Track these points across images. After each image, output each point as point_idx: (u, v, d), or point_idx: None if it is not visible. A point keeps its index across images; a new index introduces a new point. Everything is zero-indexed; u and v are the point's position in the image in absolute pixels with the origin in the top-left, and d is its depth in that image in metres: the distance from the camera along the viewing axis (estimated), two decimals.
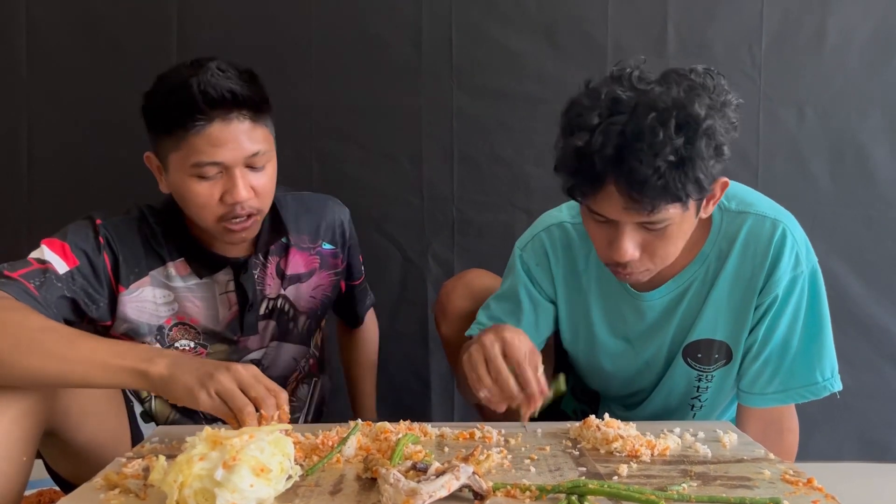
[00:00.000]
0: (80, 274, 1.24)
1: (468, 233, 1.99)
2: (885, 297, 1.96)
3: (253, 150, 1.24)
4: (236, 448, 0.82)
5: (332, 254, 1.51)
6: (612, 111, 1.06)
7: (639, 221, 1.10)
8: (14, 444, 1.05)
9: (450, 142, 1.96)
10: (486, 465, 0.96)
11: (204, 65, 1.22)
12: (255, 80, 1.27)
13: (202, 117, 1.19)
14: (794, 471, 0.95)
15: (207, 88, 1.19)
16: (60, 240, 1.25)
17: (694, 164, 1.04)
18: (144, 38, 1.95)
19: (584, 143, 1.06)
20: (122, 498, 0.87)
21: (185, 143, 1.21)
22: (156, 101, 1.24)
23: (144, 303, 1.33)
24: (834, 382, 1.27)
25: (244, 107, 1.22)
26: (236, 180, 1.23)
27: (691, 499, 0.85)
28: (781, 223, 1.23)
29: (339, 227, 1.52)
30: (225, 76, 1.21)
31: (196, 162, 1.21)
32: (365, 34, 1.95)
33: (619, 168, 1.05)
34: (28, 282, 1.16)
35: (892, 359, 1.97)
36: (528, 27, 1.95)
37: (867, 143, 1.94)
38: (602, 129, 1.05)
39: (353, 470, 0.96)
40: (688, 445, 1.07)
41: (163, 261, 1.34)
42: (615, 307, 1.34)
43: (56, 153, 1.98)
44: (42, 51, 1.96)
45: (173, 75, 1.23)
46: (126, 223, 1.33)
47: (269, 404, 1.01)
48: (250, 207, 1.26)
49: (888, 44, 1.92)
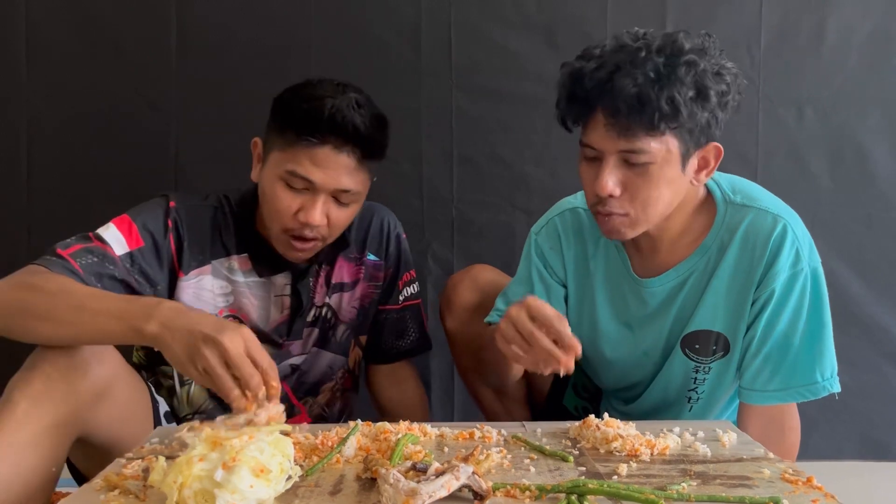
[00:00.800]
0: (141, 255, 1.27)
1: (468, 233, 1.99)
2: (885, 297, 1.96)
3: (346, 186, 1.28)
4: (236, 449, 0.82)
5: (375, 265, 1.50)
6: (615, 50, 1.15)
7: (622, 149, 1.15)
8: (44, 455, 1.05)
9: (449, 142, 1.96)
10: (486, 464, 0.96)
11: (347, 92, 1.27)
12: (382, 128, 1.32)
13: (318, 136, 1.24)
14: (793, 470, 0.95)
15: (336, 114, 1.23)
16: (130, 218, 1.29)
17: (670, 84, 1.10)
18: (144, 38, 1.95)
19: (578, 67, 1.15)
20: (122, 499, 0.87)
21: (292, 148, 1.26)
22: (290, 100, 1.29)
23: (202, 291, 1.36)
24: (833, 383, 1.28)
25: (358, 145, 1.26)
26: (317, 203, 1.27)
27: (691, 498, 0.85)
28: (783, 219, 1.25)
29: (386, 240, 1.51)
30: (358, 112, 1.25)
31: (291, 170, 1.26)
32: (364, 35, 1.95)
33: (604, 89, 1.12)
34: (76, 260, 1.19)
35: (892, 358, 1.97)
36: (528, 28, 1.95)
37: (867, 142, 1.94)
38: (601, 58, 1.14)
39: (353, 470, 0.96)
40: (687, 445, 1.07)
41: (228, 252, 1.37)
42: (618, 292, 1.35)
43: (56, 153, 1.98)
44: (42, 51, 1.96)
45: (319, 86, 1.28)
46: (200, 209, 1.37)
47: (254, 383, 0.98)
48: (318, 233, 1.30)
49: (887, 43, 1.92)
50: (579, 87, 1.15)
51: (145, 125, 1.96)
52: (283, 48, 1.94)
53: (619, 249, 1.36)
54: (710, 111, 1.15)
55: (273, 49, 1.94)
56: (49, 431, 1.05)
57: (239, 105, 1.94)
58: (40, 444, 1.04)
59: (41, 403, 1.05)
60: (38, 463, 1.05)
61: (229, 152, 1.93)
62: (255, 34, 1.95)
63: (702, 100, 1.13)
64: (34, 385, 1.06)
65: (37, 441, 1.04)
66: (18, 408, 1.04)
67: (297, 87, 1.30)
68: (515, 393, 1.54)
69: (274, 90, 1.35)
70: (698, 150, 1.19)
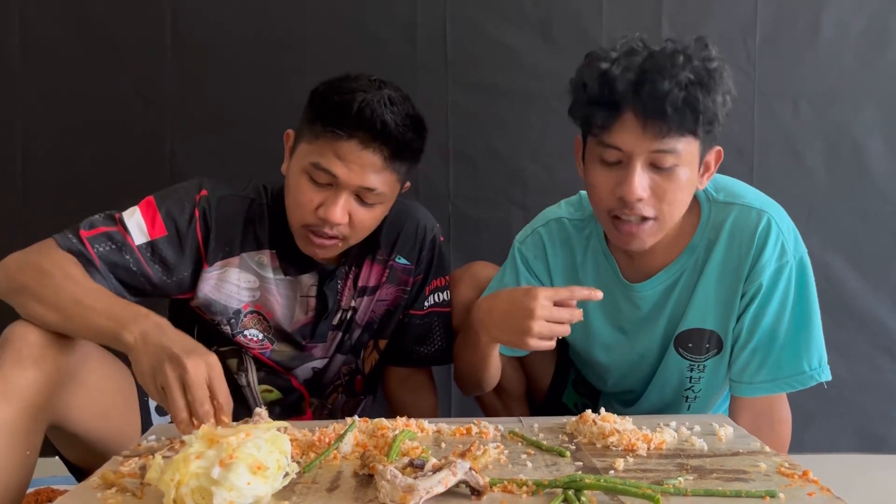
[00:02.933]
0: (162, 244, 1.27)
1: (464, 228, 1.99)
2: (881, 290, 1.96)
3: (371, 184, 1.24)
4: (233, 446, 0.82)
5: (404, 269, 1.44)
6: (630, 53, 1.15)
7: (653, 150, 1.14)
8: (18, 437, 1.06)
9: (445, 138, 1.96)
10: (483, 460, 0.96)
11: (382, 88, 1.24)
12: (416, 129, 1.27)
13: (345, 130, 1.21)
14: (789, 463, 0.96)
15: (365, 108, 1.20)
16: (157, 204, 1.28)
17: (712, 88, 1.12)
18: (138, 34, 1.94)
19: (606, 68, 1.13)
20: (119, 497, 0.87)
21: (318, 141, 1.24)
22: (323, 92, 1.26)
23: (226, 283, 1.34)
24: (822, 372, 1.28)
25: (386, 143, 1.23)
26: (339, 200, 1.24)
27: (687, 492, 0.85)
28: (767, 213, 1.25)
29: (420, 244, 1.44)
30: (390, 109, 1.22)
31: (315, 162, 1.23)
32: (360, 30, 1.94)
33: (639, 90, 1.11)
34: (92, 246, 1.21)
35: (888, 351, 1.97)
36: (524, 22, 1.94)
37: (862, 136, 1.94)
38: (621, 61, 1.14)
39: (351, 467, 0.96)
40: (684, 439, 1.08)
41: (260, 246, 1.35)
42: (610, 298, 1.34)
43: (51, 149, 1.97)
44: (36, 47, 1.95)
45: (354, 80, 1.26)
46: (234, 199, 1.35)
47: (202, 412, 0.98)
48: (338, 231, 1.27)
49: (882, 37, 1.92)
50: (608, 89, 1.13)
51: (140, 122, 1.95)
52: (277, 44, 1.94)
53: (607, 256, 1.36)
54: (726, 115, 1.17)
55: (268, 45, 1.93)
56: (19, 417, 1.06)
57: (234, 101, 1.93)
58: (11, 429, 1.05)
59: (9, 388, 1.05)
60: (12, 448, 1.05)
61: (224, 149, 1.93)
62: (249, 31, 1.94)
63: (725, 105, 1.16)
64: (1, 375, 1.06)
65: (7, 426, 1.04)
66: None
67: (333, 80, 1.28)
68: (515, 390, 1.55)
69: (268, 86, 1.35)
70: (707, 152, 1.21)
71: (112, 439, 1.21)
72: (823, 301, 1.93)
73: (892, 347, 1.97)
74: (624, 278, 1.34)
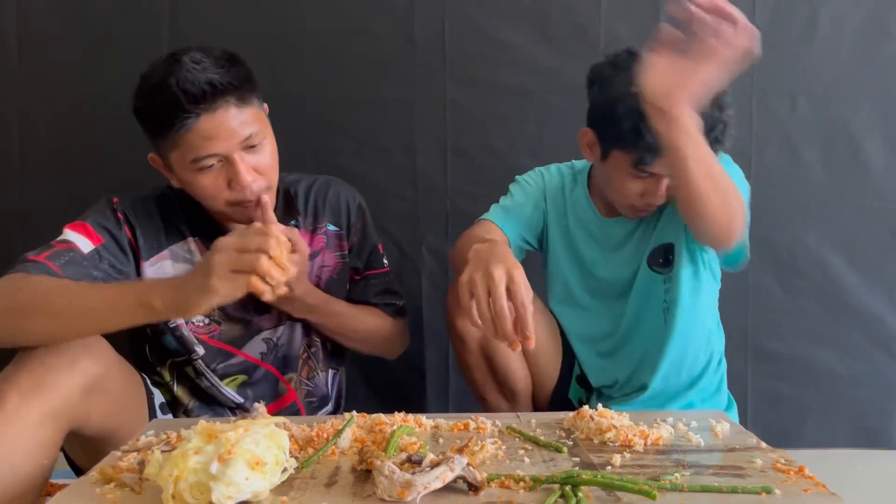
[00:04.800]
0: (105, 250, 1.29)
1: (462, 225, 1.97)
2: (877, 286, 1.97)
3: (245, 133, 1.25)
4: (231, 441, 0.82)
5: (336, 235, 1.52)
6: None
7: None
8: (36, 448, 1.05)
9: (443, 134, 1.96)
10: (481, 456, 0.96)
11: (179, 60, 1.23)
12: (233, 62, 1.27)
13: (187, 115, 1.21)
14: (785, 459, 0.96)
15: (186, 85, 1.20)
16: (81, 221, 1.30)
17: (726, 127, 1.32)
18: (136, 29, 1.94)
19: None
20: (118, 492, 0.87)
21: (178, 141, 1.24)
22: (142, 105, 1.27)
23: (164, 275, 1.36)
24: None
25: (227, 94, 1.23)
26: (237, 167, 1.25)
27: (684, 488, 0.85)
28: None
29: (346, 210, 1.52)
30: (201, 68, 1.22)
31: (193, 158, 1.24)
32: (357, 26, 1.94)
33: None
34: (52, 262, 1.20)
35: (885, 346, 1.98)
36: (521, 19, 1.94)
37: (859, 132, 1.95)
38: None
39: (349, 462, 0.96)
40: (681, 435, 1.08)
41: (183, 236, 1.39)
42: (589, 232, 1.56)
43: (48, 146, 1.97)
44: (33, 43, 1.95)
45: (153, 75, 1.25)
46: (143, 200, 1.38)
47: (273, 244, 1.03)
48: (258, 188, 1.29)
49: (880, 33, 1.92)
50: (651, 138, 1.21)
51: None
52: (275, 40, 1.94)
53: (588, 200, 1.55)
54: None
55: (266, 41, 1.93)
56: (40, 425, 1.05)
57: None
58: (32, 438, 1.04)
59: (31, 398, 1.05)
60: (30, 457, 1.04)
61: None
62: (246, 27, 1.94)
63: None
64: (23, 380, 1.06)
65: (28, 435, 1.04)
66: (9, 403, 1.04)
67: (139, 92, 1.28)
68: (523, 389, 1.55)
69: (266, 82, 1.35)
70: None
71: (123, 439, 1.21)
72: (820, 296, 1.96)
73: (889, 343, 1.98)
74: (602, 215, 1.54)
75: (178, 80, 1.20)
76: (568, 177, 1.60)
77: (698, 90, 1.11)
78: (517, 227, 1.54)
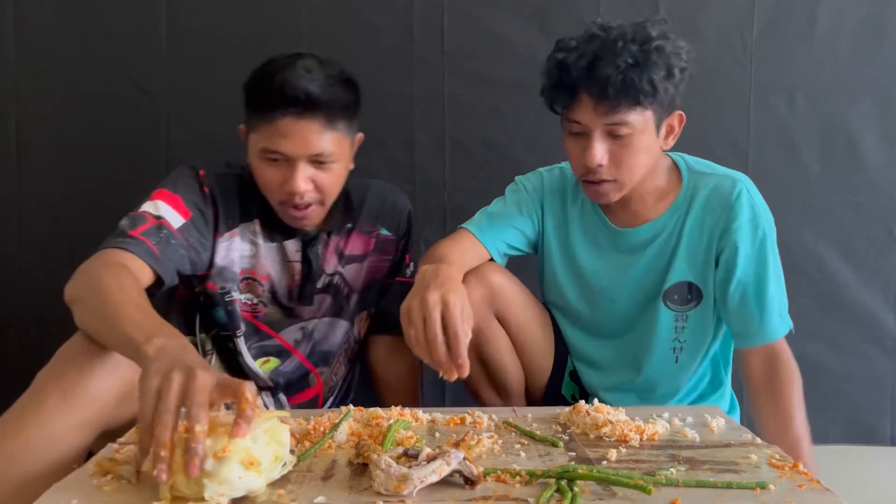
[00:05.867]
0: (192, 226, 1.34)
1: (460, 219, 1.96)
2: (873, 283, 1.97)
3: (317, 149, 1.33)
4: (227, 439, 0.81)
5: (387, 240, 1.58)
6: (588, 41, 1.33)
7: (607, 123, 1.32)
8: (67, 452, 1.03)
9: (442, 128, 1.96)
10: (477, 450, 0.97)
11: (296, 62, 1.32)
12: (343, 85, 1.35)
13: (276, 110, 1.29)
14: (780, 455, 0.97)
15: (286, 86, 1.28)
16: (171, 191, 1.34)
17: (647, 68, 1.29)
18: (134, 22, 1.93)
19: (562, 58, 1.34)
20: (115, 484, 0.87)
21: (260, 127, 1.33)
22: (250, 83, 1.36)
23: (231, 252, 1.43)
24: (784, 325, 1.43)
25: (317, 109, 1.31)
26: (296, 172, 1.33)
27: (679, 483, 0.86)
28: (740, 182, 1.43)
29: (399, 217, 1.59)
30: (309, 77, 1.30)
31: (264, 147, 1.33)
32: (356, 20, 1.94)
33: (589, 76, 1.30)
34: (149, 240, 1.25)
35: (879, 343, 1.99)
36: (521, 13, 1.94)
37: (857, 129, 1.95)
38: (578, 49, 1.33)
39: (345, 456, 0.97)
40: (676, 430, 1.09)
41: (251, 217, 1.44)
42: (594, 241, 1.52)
43: (46, 138, 1.96)
44: (31, 35, 1.94)
45: (272, 62, 1.34)
46: (227, 176, 1.44)
47: (194, 412, 0.80)
48: (309, 198, 1.36)
49: (879, 30, 1.92)
50: (565, 75, 1.33)
51: (136, 109, 1.94)
52: (273, 32, 1.93)
53: (594, 206, 1.51)
54: (675, 85, 1.35)
55: (264, 33, 1.92)
56: (75, 429, 1.04)
57: (229, 89, 1.89)
58: (65, 440, 1.03)
59: (71, 400, 1.03)
60: (61, 459, 1.02)
61: (220, 136, 1.92)
62: (245, 18, 1.93)
63: (669, 76, 1.33)
64: (66, 381, 1.04)
65: (62, 437, 1.03)
66: (48, 401, 1.03)
67: (258, 69, 1.36)
68: (515, 386, 1.55)
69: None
70: (667, 118, 1.39)
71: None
72: (815, 293, 1.96)
73: (883, 339, 1.98)
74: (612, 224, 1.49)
75: (284, 77, 1.29)
76: (571, 179, 1.55)
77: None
78: (500, 236, 1.51)
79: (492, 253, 1.49)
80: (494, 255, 1.50)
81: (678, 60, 1.34)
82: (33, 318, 1.94)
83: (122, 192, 1.39)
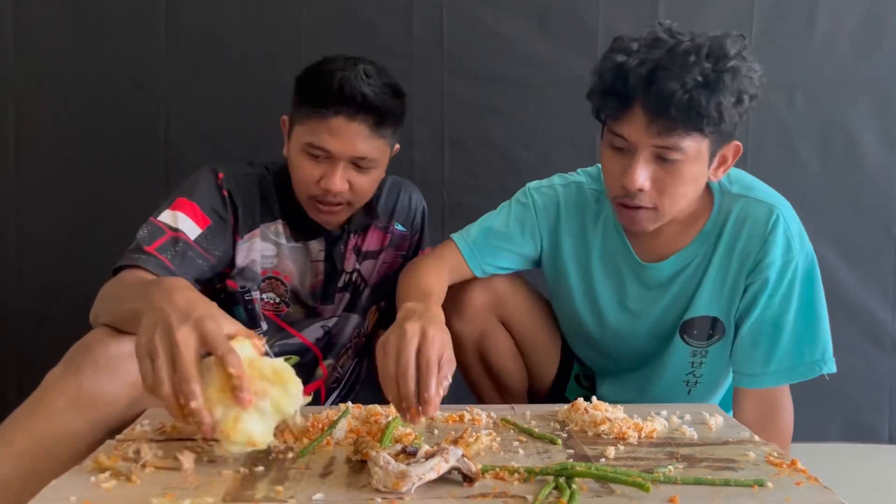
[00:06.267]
0: (210, 233, 1.35)
1: (459, 217, 1.97)
2: (872, 282, 1.97)
3: (362, 153, 1.35)
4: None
5: (402, 236, 1.60)
6: (652, 45, 1.16)
7: (657, 145, 1.16)
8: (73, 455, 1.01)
9: (441, 126, 1.96)
10: (476, 447, 0.97)
11: (357, 64, 1.35)
12: (394, 95, 1.38)
13: (330, 108, 1.31)
14: (778, 453, 0.97)
15: (345, 85, 1.31)
16: (189, 199, 1.34)
17: (717, 90, 1.12)
18: (133, 19, 1.93)
19: (621, 62, 1.15)
20: (113, 481, 0.87)
21: (309, 121, 1.34)
22: (306, 77, 1.37)
23: (253, 252, 1.44)
24: (823, 365, 1.29)
25: (370, 114, 1.33)
26: (336, 170, 1.35)
27: (677, 481, 0.86)
28: (777, 209, 1.28)
29: (414, 213, 1.61)
30: (367, 81, 1.32)
31: (310, 142, 1.34)
32: (356, 18, 1.94)
33: (648, 87, 1.13)
34: (163, 255, 1.25)
35: (878, 342, 1.99)
36: (520, 11, 1.94)
37: (856, 128, 1.95)
38: (640, 53, 1.15)
39: (344, 452, 0.97)
40: (674, 428, 1.09)
41: (273, 217, 1.46)
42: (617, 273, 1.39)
43: (44, 135, 1.96)
44: (29, 32, 1.94)
45: (332, 60, 1.37)
46: (247, 177, 1.44)
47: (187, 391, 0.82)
48: (342, 198, 1.38)
49: (878, 29, 1.93)
50: (620, 82, 1.16)
51: (134, 106, 1.94)
52: (272, 30, 1.93)
53: (619, 232, 1.38)
54: (741, 114, 1.19)
55: (262, 31, 1.93)
56: (83, 431, 1.03)
57: (227, 87, 1.93)
58: (75, 439, 1.02)
59: (81, 403, 1.03)
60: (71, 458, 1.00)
61: (218, 133, 1.93)
62: (244, 16, 1.93)
63: (739, 103, 1.16)
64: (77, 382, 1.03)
65: (72, 436, 1.02)
66: (59, 401, 1.02)
67: (314, 65, 1.38)
68: (518, 387, 1.55)
69: (263, 72, 1.35)
70: (722, 148, 1.23)
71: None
72: None
73: (882, 338, 1.99)
74: (637, 257, 1.36)
75: (343, 77, 1.31)
76: (590, 197, 1.41)
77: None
78: (491, 260, 1.41)
79: (476, 274, 1.41)
80: (479, 275, 1.42)
81: (750, 86, 1.17)
82: (32, 314, 1.94)
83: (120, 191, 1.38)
